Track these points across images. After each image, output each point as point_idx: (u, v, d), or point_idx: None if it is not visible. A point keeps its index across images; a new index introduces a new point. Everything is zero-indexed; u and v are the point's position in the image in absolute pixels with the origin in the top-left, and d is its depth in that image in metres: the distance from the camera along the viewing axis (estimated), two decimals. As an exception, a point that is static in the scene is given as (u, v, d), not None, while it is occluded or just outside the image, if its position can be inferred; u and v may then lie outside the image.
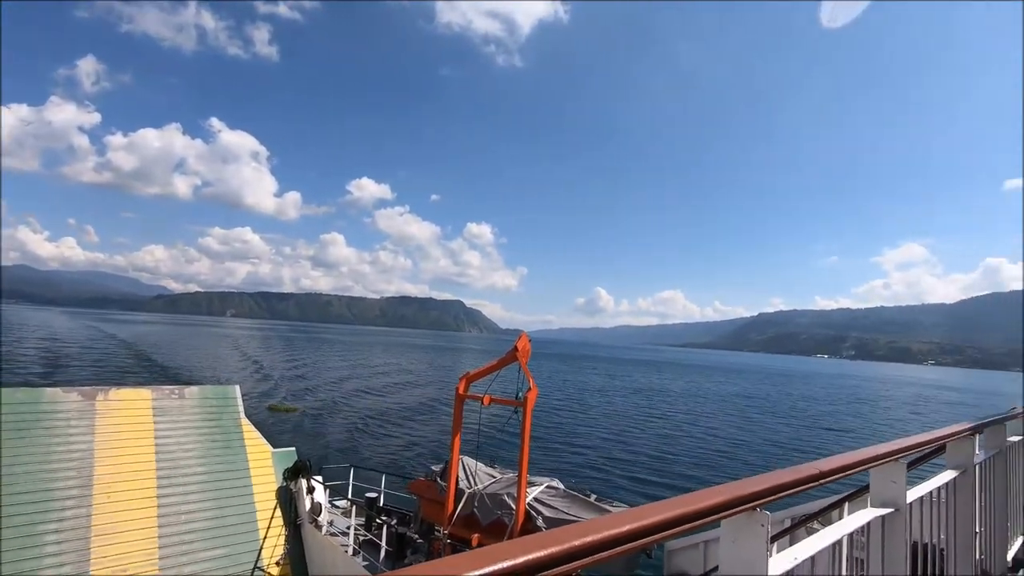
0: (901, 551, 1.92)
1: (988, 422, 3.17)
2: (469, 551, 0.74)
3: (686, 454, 26.72)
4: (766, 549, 1.19)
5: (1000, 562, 3.53)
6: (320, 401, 35.72)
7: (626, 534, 0.87)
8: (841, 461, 1.61)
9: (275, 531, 10.11)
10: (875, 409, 56.76)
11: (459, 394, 8.82)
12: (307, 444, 22.51)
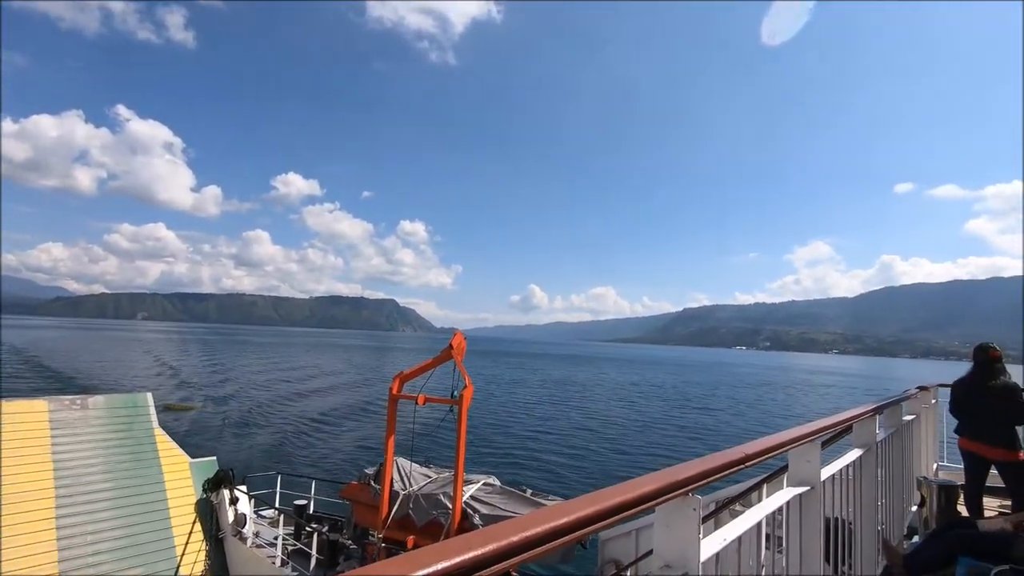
0: (817, 525, 2.05)
1: (887, 403, 3.46)
2: (404, 554, 0.70)
3: (619, 444, 27.57)
4: (698, 532, 1.22)
5: (898, 530, 3.87)
6: (243, 407, 33.91)
7: (565, 526, 0.86)
8: (764, 444, 1.69)
9: (195, 546, 9.49)
10: (789, 395, 61.08)
11: (393, 394, 8.63)
12: (229, 453, 21.32)
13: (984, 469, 4.89)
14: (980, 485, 4.89)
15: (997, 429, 4.75)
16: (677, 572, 1.19)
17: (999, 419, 4.74)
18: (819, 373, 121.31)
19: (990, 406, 4.80)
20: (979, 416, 4.88)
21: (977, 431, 4.90)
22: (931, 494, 4.35)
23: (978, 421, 4.90)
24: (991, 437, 4.78)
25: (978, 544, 3.19)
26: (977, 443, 4.89)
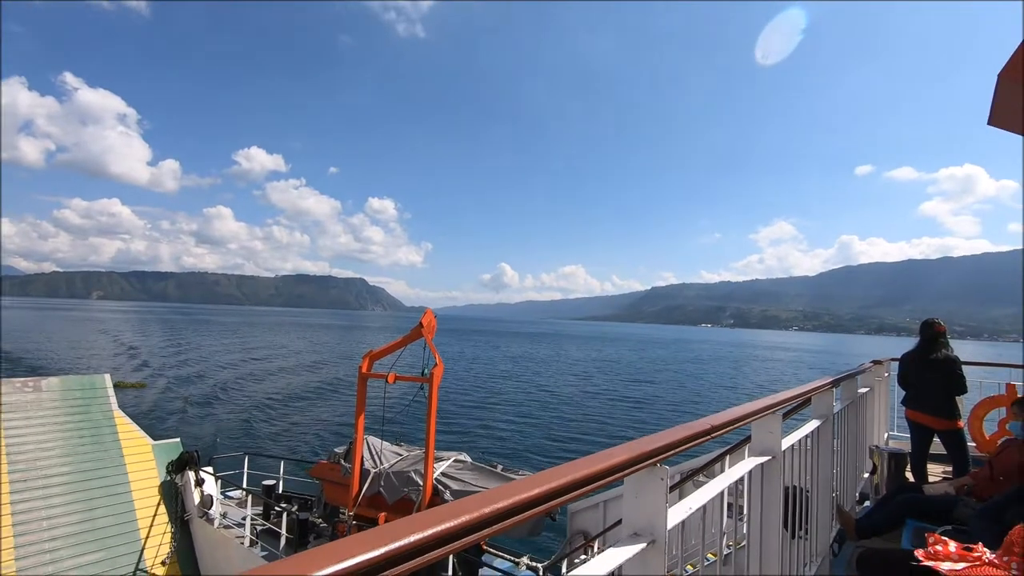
0: (777, 493, 2.13)
1: (843, 376, 3.59)
2: (377, 527, 0.68)
3: (589, 418, 28.12)
4: (666, 500, 1.24)
5: (851, 496, 4.06)
6: (208, 388, 33.21)
7: (536, 497, 0.86)
8: (729, 416, 1.73)
9: (160, 529, 9.32)
10: (754, 370, 63.20)
11: (362, 373, 8.56)
12: (194, 435, 20.93)
13: (928, 437, 5.16)
14: (924, 453, 5.16)
15: (938, 400, 5.01)
16: (645, 540, 1.21)
17: (940, 390, 4.99)
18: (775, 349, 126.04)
19: (932, 378, 5.04)
20: (923, 388, 5.13)
21: (921, 402, 5.15)
22: (882, 462, 4.58)
23: (922, 392, 5.14)
24: (933, 407, 5.04)
25: (924, 507, 3.37)
26: (921, 413, 5.15)
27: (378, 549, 0.62)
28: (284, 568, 0.55)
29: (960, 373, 4.98)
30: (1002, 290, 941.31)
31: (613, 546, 1.17)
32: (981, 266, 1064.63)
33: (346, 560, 0.59)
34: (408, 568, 0.67)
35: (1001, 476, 3.21)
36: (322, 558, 0.58)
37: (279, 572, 0.54)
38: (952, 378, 4.95)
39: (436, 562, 3.41)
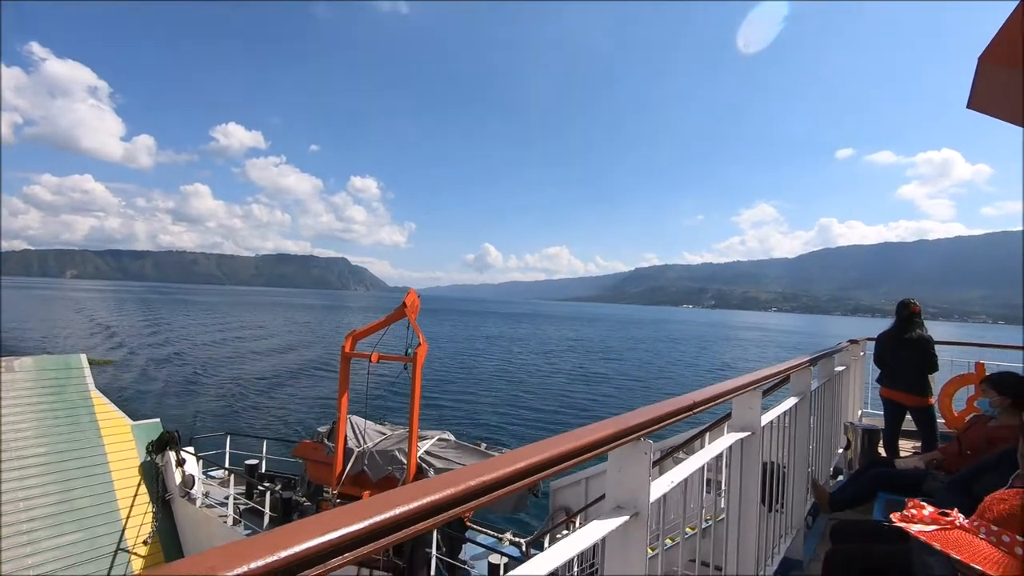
0: (756, 468, 2.18)
1: (821, 355, 3.66)
2: (364, 499, 0.68)
3: (573, 397, 28.46)
4: (649, 474, 1.26)
5: (825, 472, 4.18)
6: (188, 368, 32.84)
7: (523, 470, 0.87)
8: (711, 392, 1.75)
9: (141, 509, 9.27)
10: (723, 350, 64.37)
11: (345, 352, 8.52)
12: (174, 415, 20.73)
13: (901, 414, 5.32)
14: (897, 429, 5.32)
15: (912, 378, 5.15)
16: (628, 512, 1.23)
17: (913, 369, 5.13)
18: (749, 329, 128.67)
19: (907, 357, 5.18)
20: (897, 366, 5.27)
21: (895, 380, 5.30)
22: (856, 438, 4.71)
23: (896, 371, 5.28)
24: (907, 385, 5.18)
25: (895, 480, 3.49)
26: (894, 391, 5.29)
27: (366, 520, 0.62)
28: (272, 539, 0.54)
29: (932, 352, 5.11)
30: (974, 273, 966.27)
31: (597, 519, 1.19)
32: (955, 249, 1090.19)
33: (337, 530, 0.58)
34: (395, 539, 0.67)
35: (969, 451, 3.32)
36: (310, 529, 0.57)
37: (268, 542, 0.53)
38: (925, 357, 5.08)
39: (420, 538, 3.46)
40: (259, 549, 0.53)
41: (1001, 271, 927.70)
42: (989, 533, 0.90)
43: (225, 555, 0.51)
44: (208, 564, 0.49)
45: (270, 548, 0.53)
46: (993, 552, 0.87)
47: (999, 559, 0.86)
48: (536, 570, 0.96)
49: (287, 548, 0.54)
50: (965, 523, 0.95)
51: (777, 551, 2.83)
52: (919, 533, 0.95)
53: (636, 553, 1.24)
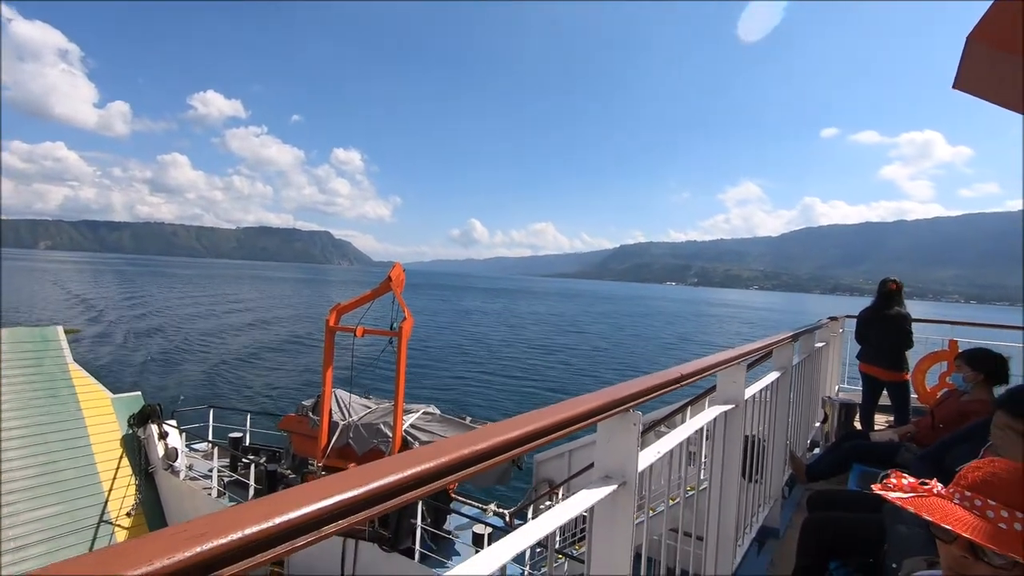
0: (739, 440, 2.23)
1: (803, 331, 3.73)
2: (358, 467, 0.68)
3: (558, 371, 28.78)
4: (637, 445, 1.28)
5: (803, 443, 4.30)
6: (169, 341, 32.46)
7: (518, 438, 0.87)
8: (697, 365, 1.77)
9: (123, 481, 9.24)
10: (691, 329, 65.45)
11: (329, 326, 8.47)
12: (155, 388, 20.55)
13: (878, 389, 5.46)
14: (873, 403, 5.47)
15: (888, 353, 5.27)
16: (616, 481, 1.24)
17: (890, 345, 5.25)
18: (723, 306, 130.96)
19: (884, 333, 5.29)
20: (875, 342, 5.39)
21: (873, 355, 5.42)
22: (833, 411, 4.84)
23: (874, 346, 5.40)
24: (883, 360, 5.31)
25: (869, 452, 3.60)
26: (872, 366, 5.42)
27: (360, 488, 0.61)
28: (266, 505, 0.53)
29: (908, 329, 5.23)
30: (950, 253, 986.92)
31: (585, 488, 1.21)
32: (932, 230, 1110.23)
33: (331, 497, 0.58)
34: (388, 507, 0.67)
35: (941, 424, 3.43)
36: (304, 495, 0.57)
37: (261, 508, 0.53)
38: (900, 334, 5.20)
39: (405, 508, 3.49)
40: (251, 515, 0.52)
41: (975, 252, 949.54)
42: (963, 499, 0.93)
43: (217, 522, 0.50)
44: (199, 531, 0.48)
45: (263, 515, 0.53)
46: (965, 515, 0.91)
47: (970, 521, 0.89)
48: (528, 536, 0.97)
49: (282, 514, 0.54)
50: (942, 491, 0.98)
51: (756, 520, 2.91)
52: (897, 499, 0.98)
53: (624, 521, 1.26)
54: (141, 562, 0.43)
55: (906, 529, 2.04)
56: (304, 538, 0.56)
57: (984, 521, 0.89)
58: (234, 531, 0.49)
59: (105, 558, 0.43)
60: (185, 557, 0.45)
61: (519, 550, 0.94)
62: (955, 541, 0.93)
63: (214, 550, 0.47)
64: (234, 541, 0.49)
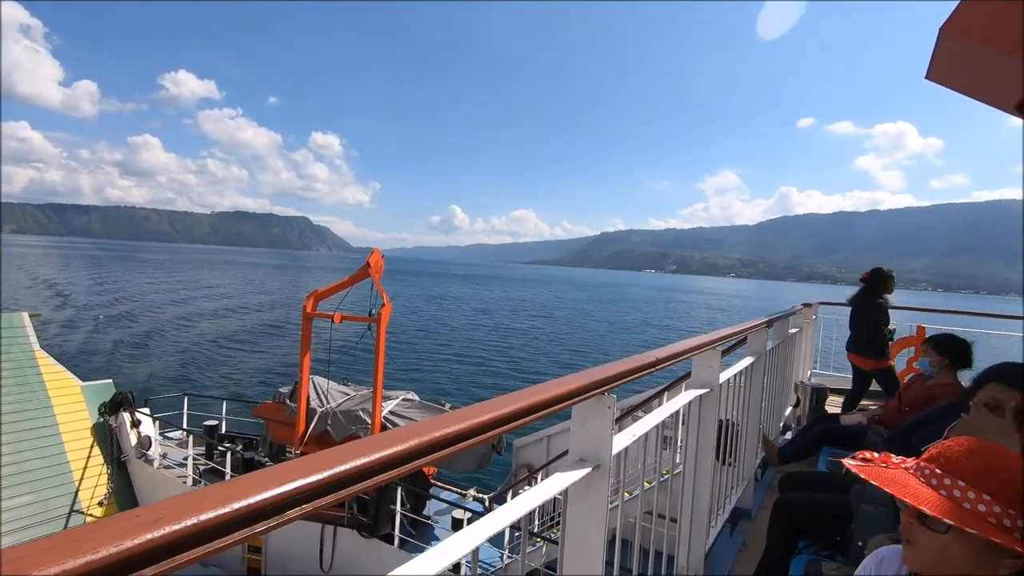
0: (713, 424, 2.26)
1: (777, 317, 3.79)
2: (329, 449, 0.66)
3: (536, 358, 28.92)
4: (612, 428, 1.28)
5: (776, 427, 4.39)
6: (141, 327, 31.74)
7: (492, 420, 0.86)
8: (673, 349, 1.78)
9: (95, 471, 9.06)
10: (694, 311, 66.41)
11: (307, 312, 8.37)
12: (127, 376, 20.12)
13: (863, 377, 5.55)
14: (858, 391, 5.57)
15: (865, 343, 5.38)
16: (591, 464, 1.25)
17: (867, 335, 5.36)
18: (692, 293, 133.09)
19: (863, 323, 5.40)
20: (855, 330, 5.49)
21: (853, 345, 5.53)
22: (805, 395, 4.95)
23: (855, 335, 5.51)
24: (863, 350, 5.41)
25: (839, 435, 3.70)
26: (854, 355, 5.52)
27: (325, 471, 0.60)
28: (223, 490, 0.52)
29: (879, 318, 5.33)
30: (920, 242, 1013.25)
31: (560, 471, 1.21)
32: (903, 220, 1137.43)
33: (294, 480, 0.56)
34: (356, 490, 0.65)
35: (908, 407, 3.53)
36: (266, 479, 0.55)
37: (218, 493, 0.51)
38: (873, 323, 5.30)
39: (384, 494, 3.48)
40: (209, 500, 0.50)
41: (944, 241, 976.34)
42: (917, 469, 0.97)
43: (173, 506, 0.48)
44: (154, 516, 0.46)
45: (221, 499, 0.51)
46: (925, 490, 0.93)
47: (930, 496, 0.92)
48: (503, 518, 0.97)
49: (241, 499, 0.52)
50: (907, 465, 1.02)
51: (728, 501, 2.97)
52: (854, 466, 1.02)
53: (597, 504, 1.27)
54: (86, 550, 0.41)
55: (872, 508, 2.10)
56: (265, 523, 0.54)
57: (930, 490, 0.93)
58: (190, 516, 0.47)
59: (54, 544, 0.41)
60: (135, 544, 0.43)
61: (494, 532, 0.94)
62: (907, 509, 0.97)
63: (168, 536, 0.46)
64: (189, 527, 0.47)
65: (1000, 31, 3.09)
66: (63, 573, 0.38)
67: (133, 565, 0.43)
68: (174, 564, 0.47)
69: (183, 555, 0.47)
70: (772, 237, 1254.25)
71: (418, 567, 0.79)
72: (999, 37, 3.12)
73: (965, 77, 4.00)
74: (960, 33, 3.34)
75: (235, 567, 8.02)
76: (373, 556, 7.26)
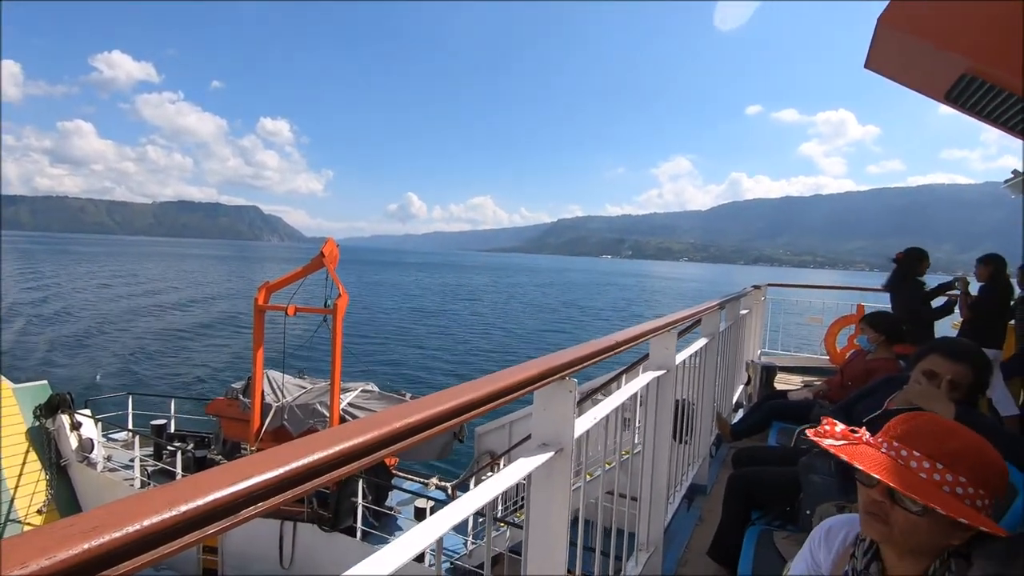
0: (670, 404, 2.32)
1: (729, 299, 3.91)
2: (284, 443, 0.64)
3: (496, 346, 29.00)
4: (574, 411, 1.29)
5: (728, 405, 4.55)
6: (78, 325, 30.01)
7: (453, 409, 0.85)
8: (631, 333, 1.81)
9: (31, 477, 8.56)
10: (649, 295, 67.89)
11: (259, 305, 8.10)
12: (64, 377, 19.03)
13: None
14: None
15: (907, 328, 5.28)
16: (553, 449, 1.25)
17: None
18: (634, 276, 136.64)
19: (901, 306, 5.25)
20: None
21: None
22: (755, 374, 5.15)
23: None
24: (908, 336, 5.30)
25: (786, 411, 3.87)
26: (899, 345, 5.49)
27: (281, 468, 0.57)
28: (169, 492, 0.49)
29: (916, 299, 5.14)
30: (859, 225, 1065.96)
31: (522, 456, 1.21)
32: (844, 204, 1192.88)
33: (248, 479, 0.54)
34: (314, 486, 0.63)
35: (849, 382, 3.72)
36: (216, 479, 0.52)
37: (162, 495, 0.48)
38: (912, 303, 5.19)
39: (345, 487, 3.42)
40: (155, 503, 0.47)
41: (881, 223, 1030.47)
42: (890, 448, 1.00)
43: (113, 512, 0.45)
44: (92, 524, 0.43)
45: (167, 502, 0.48)
46: (890, 463, 0.97)
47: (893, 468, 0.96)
48: (467, 506, 0.96)
49: (189, 501, 0.49)
50: (870, 440, 1.06)
51: (685, 478, 3.07)
52: (830, 446, 1.05)
53: (560, 487, 1.28)
54: (13, 564, 0.37)
55: (819, 479, 2.21)
56: (217, 524, 0.52)
57: (906, 469, 0.96)
58: (131, 522, 0.44)
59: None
60: (71, 555, 0.40)
61: (458, 520, 0.93)
62: (875, 486, 1.00)
63: (107, 544, 0.42)
64: (131, 533, 0.44)
65: (931, 24, 3.25)
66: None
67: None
68: (117, 573, 0.44)
69: (126, 563, 0.44)
70: (723, 222, 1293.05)
71: (382, 559, 0.77)
72: (930, 30, 3.27)
73: (900, 67, 4.19)
74: (896, 25, 3.48)
75: (189, 569, 7.77)
76: (335, 550, 7.17)
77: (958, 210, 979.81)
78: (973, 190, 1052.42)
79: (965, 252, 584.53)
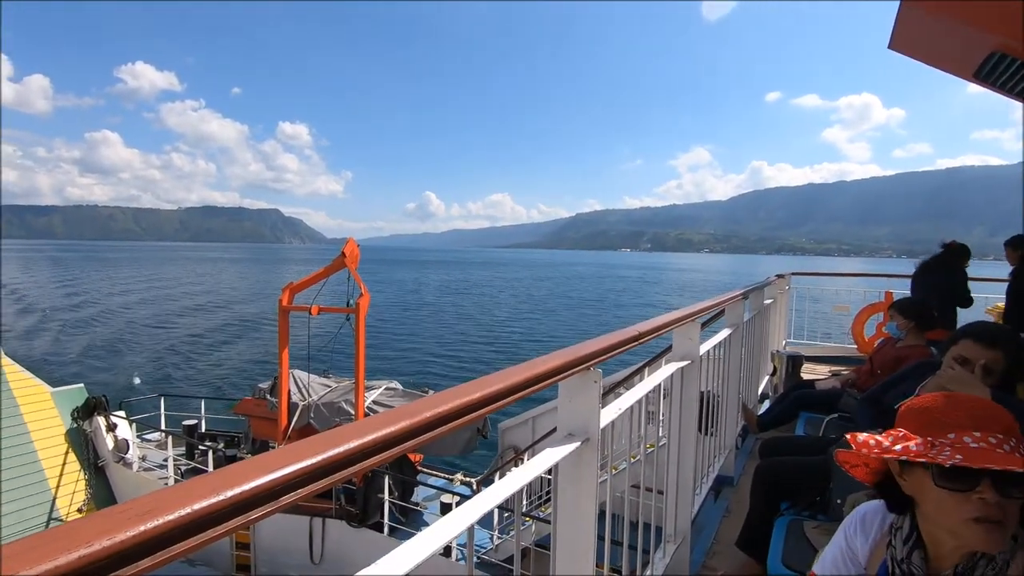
0: (695, 395, 2.30)
1: (752, 288, 3.86)
2: (314, 435, 0.66)
3: (518, 340, 29.04)
4: (599, 402, 1.30)
5: (753, 396, 4.50)
6: (111, 330, 30.89)
7: (480, 399, 0.86)
8: (654, 323, 1.81)
9: (71, 478, 8.86)
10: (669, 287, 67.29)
11: (283, 306, 8.25)
12: (99, 380, 19.61)
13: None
14: None
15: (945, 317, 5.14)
16: (580, 439, 1.26)
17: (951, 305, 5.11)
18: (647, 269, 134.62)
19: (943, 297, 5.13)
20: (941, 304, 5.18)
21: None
22: (781, 364, 5.08)
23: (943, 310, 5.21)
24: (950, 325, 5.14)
25: (814, 400, 3.81)
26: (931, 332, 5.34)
27: (318, 455, 0.59)
28: (213, 479, 0.51)
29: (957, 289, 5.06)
30: (884, 211, 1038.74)
31: (550, 446, 1.22)
32: (869, 189, 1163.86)
33: (288, 466, 0.56)
34: (348, 474, 0.65)
35: (879, 370, 3.65)
36: (257, 466, 0.54)
37: (209, 482, 0.50)
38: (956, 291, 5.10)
39: (372, 483, 3.48)
40: (201, 490, 0.49)
41: (907, 209, 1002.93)
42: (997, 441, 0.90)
43: (165, 497, 0.48)
44: (146, 508, 0.45)
45: (211, 489, 0.50)
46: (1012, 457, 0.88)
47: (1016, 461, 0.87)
48: (494, 497, 0.98)
49: (233, 487, 0.51)
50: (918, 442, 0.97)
51: (712, 470, 3.05)
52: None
53: (588, 477, 1.29)
54: (80, 544, 0.40)
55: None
56: (259, 510, 0.54)
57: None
58: (183, 506, 0.47)
59: (45, 540, 0.40)
60: (129, 536, 0.43)
61: (485, 511, 0.95)
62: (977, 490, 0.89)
63: (162, 526, 0.45)
64: (183, 516, 0.46)
65: (958, 1, 3.15)
66: (58, 568, 0.38)
67: (129, 557, 0.42)
68: (170, 555, 0.46)
69: (178, 545, 0.47)
70: (744, 211, 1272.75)
71: (409, 552, 0.79)
72: (958, 7, 3.18)
73: (926, 46, 4.07)
74: (920, 3, 3.39)
75: (223, 565, 7.97)
76: (363, 545, 7.28)
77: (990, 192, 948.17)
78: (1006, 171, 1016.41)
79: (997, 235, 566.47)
